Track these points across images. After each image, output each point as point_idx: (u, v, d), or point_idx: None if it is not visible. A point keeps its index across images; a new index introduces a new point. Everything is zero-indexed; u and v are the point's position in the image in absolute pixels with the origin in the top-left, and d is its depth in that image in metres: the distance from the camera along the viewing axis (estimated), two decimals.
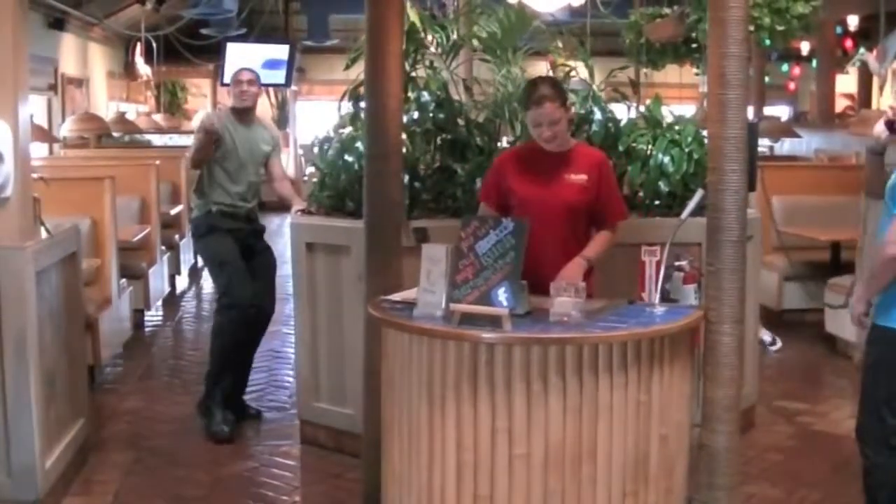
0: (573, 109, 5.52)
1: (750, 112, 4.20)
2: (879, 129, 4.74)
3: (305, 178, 18.61)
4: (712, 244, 4.19)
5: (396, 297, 4.62)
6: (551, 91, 4.89)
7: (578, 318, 4.07)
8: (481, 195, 5.24)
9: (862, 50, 15.41)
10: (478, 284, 4.09)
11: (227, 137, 6.71)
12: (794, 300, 9.42)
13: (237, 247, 6.73)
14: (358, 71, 6.38)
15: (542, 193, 4.96)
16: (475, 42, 6.78)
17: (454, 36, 6.55)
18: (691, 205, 4.53)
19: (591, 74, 6.59)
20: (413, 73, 6.32)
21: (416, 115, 6.16)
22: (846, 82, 19.75)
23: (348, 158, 6.11)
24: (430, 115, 6.16)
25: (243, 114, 6.86)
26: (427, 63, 6.51)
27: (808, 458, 5.40)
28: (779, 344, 8.65)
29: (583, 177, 4.98)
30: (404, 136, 5.73)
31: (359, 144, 6.06)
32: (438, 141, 6.23)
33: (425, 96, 6.19)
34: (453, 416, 4.01)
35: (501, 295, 4.05)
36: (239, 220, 6.83)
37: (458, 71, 6.78)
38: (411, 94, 6.16)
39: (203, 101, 22.21)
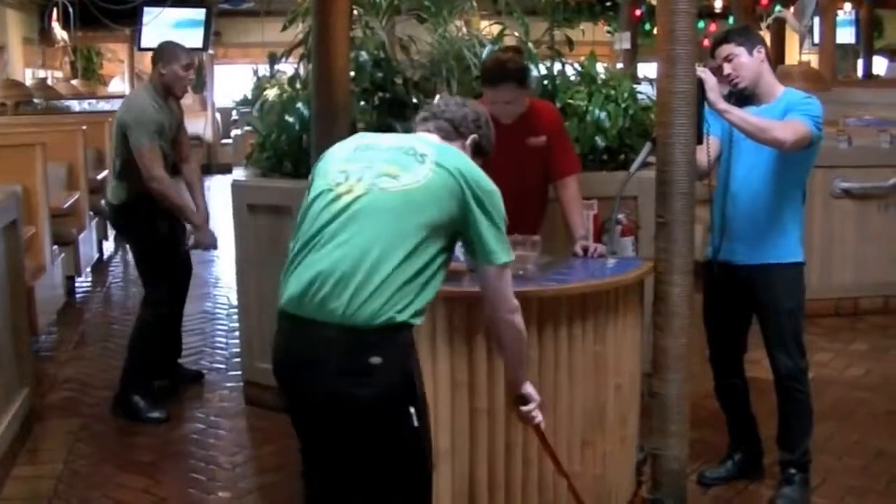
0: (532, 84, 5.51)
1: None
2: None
3: (228, 142, 18.57)
4: (662, 196, 4.23)
5: None
6: (511, 73, 4.85)
7: (535, 271, 4.13)
8: None
9: (778, 7, 15.60)
10: None
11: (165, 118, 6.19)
12: None
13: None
14: (293, 33, 6.42)
15: (508, 167, 4.94)
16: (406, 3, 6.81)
17: None
18: (640, 158, 4.60)
19: (527, 32, 6.64)
20: (350, 34, 6.32)
21: (352, 74, 6.17)
22: None
23: (289, 119, 6.10)
24: (369, 74, 6.18)
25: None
26: (363, 23, 6.52)
27: None
28: None
29: (542, 138, 5.02)
30: None
31: (299, 105, 6.06)
32: (377, 100, 6.24)
33: (363, 56, 6.20)
34: None
35: (459, 250, 4.04)
36: None
37: (389, 31, 6.79)
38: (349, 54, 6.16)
39: (119, 66, 21.95)
